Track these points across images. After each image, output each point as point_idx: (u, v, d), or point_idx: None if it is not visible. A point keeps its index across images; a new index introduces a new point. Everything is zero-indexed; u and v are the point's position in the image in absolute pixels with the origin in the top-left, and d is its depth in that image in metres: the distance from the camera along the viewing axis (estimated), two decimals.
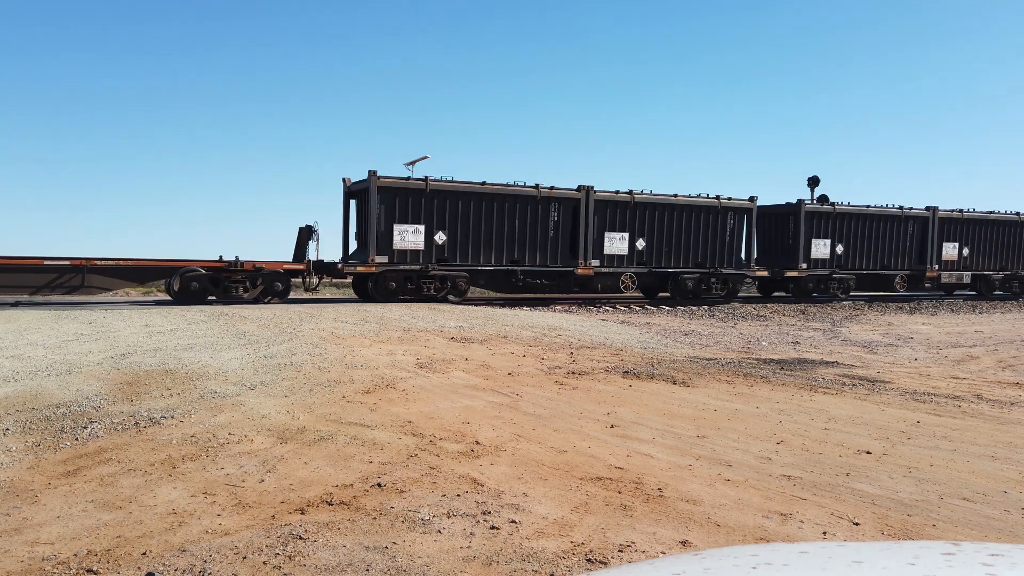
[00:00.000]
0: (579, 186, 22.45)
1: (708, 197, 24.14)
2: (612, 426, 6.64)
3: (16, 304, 17.16)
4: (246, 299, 18.92)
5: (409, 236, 20.34)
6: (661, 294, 24.49)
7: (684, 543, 3.94)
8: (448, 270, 20.75)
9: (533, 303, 21.82)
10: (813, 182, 28.93)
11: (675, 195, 23.65)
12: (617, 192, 22.97)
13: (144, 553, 3.69)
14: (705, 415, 7.24)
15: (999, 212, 29.92)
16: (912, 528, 4.26)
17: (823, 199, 26.95)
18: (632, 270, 23.10)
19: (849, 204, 26.47)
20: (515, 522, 4.18)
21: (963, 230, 28.81)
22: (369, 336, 12.09)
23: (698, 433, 6.46)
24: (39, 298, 18.14)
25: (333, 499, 4.50)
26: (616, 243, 22.98)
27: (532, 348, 11.77)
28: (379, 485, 4.77)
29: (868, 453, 5.88)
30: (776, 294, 27.73)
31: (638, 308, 21.56)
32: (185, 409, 6.77)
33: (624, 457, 5.60)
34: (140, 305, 17.90)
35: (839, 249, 26.21)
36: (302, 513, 4.28)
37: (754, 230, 25.59)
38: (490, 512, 4.31)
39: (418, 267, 20.36)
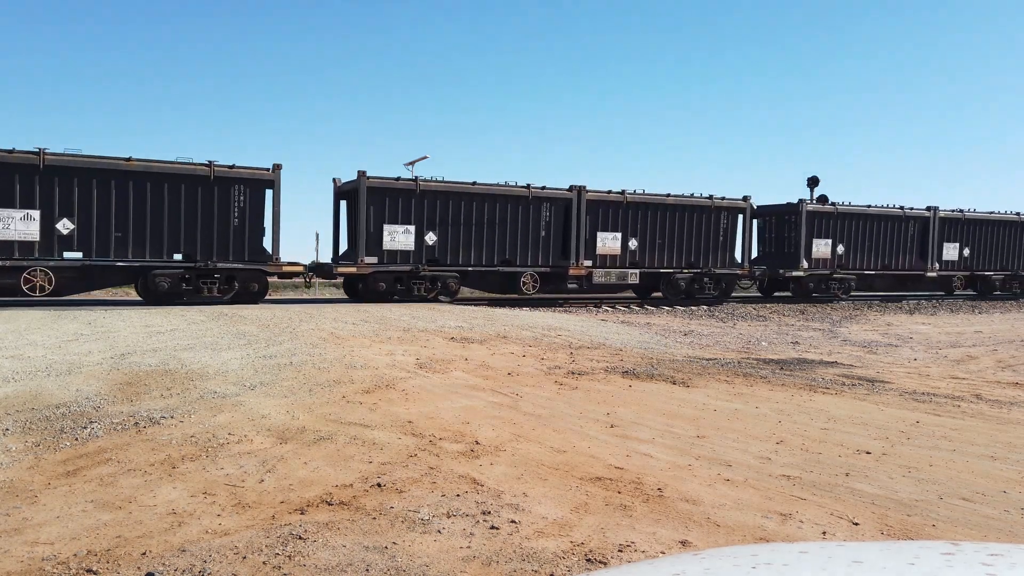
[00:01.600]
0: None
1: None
2: (612, 426, 6.64)
3: None
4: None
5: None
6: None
7: (684, 543, 3.94)
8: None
9: (527, 304, 21.74)
10: (813, 182, 28.93)
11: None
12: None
13: (144, 553, 3.69)
14: (705, 415, 7.24)
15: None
16: (912, 528, 4.26)
17: (823, 199, 26.91)
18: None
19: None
20: (515, 522, 4.18)
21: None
22: (369, 336, 12.09)
23: (698, 433, 6.46)
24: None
25: (333, 499, 4.50)
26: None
27: (532, 348, 11.77)
28: (379, 485, 4.77)
29: (868, 453, 5.88)
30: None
31: (637, 308, 21.53)
32: (185, 409, 6.77)
33: (624, 457, 5.60)
34: (140, 305, 17.88)
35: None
36: (302, 513, 4.28)
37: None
38: (490, 512, 4.31)
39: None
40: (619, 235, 23.08)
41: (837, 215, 26.22)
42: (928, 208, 28.24)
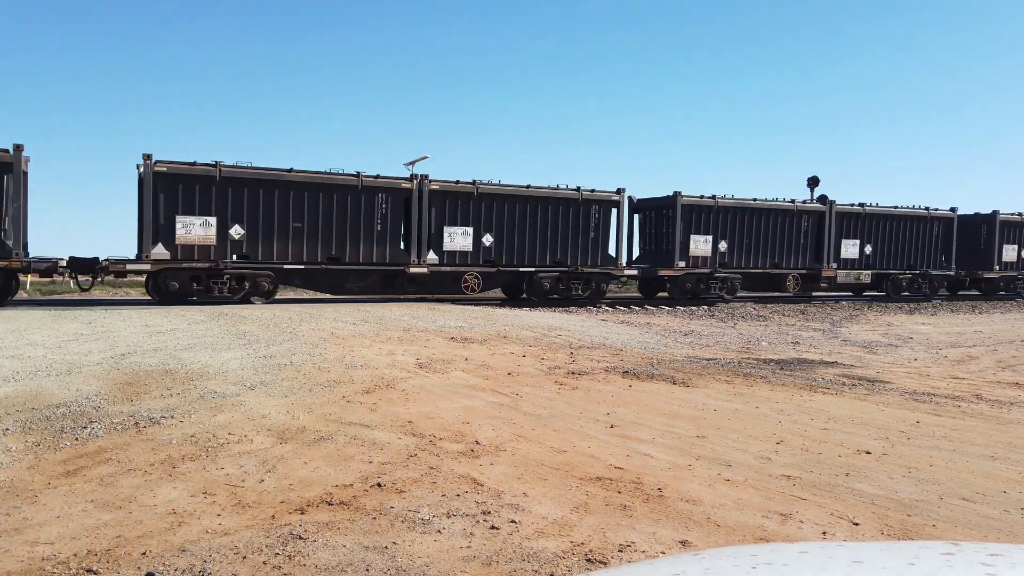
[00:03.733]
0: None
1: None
2: (612, 426, 6.64)
3: None
4: None
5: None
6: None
7: (684, 543, 3.94)
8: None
9: (527, 304, 21.16)
10: (813, 182, 28.91)
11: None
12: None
13: (144, 553, 3.69)
14: (705, 415, 7.24)
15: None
16: (912, 528, 4.26)
17: (823, 199, 26.60)
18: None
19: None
20: (515, 522, 4.18)
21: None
22: (369, 336, 12.09)
23: (698, 433, 6.46)
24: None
25: (333, 499, 4.50)
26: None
27: (532, 348, 11.77)
28: (379, 485, 4.77)
29: (868, 453, 5.88)
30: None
31: (638, 308, 21.47)
32: (185, 409, 6.77)
33: (624, 457, 5.60)
34: (140, 305, 17.88)
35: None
36: (302, 513, 4.28)
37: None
38: (490, 512, 4.31)
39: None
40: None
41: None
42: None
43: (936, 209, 28.26)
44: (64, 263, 17.90)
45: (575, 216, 22.27)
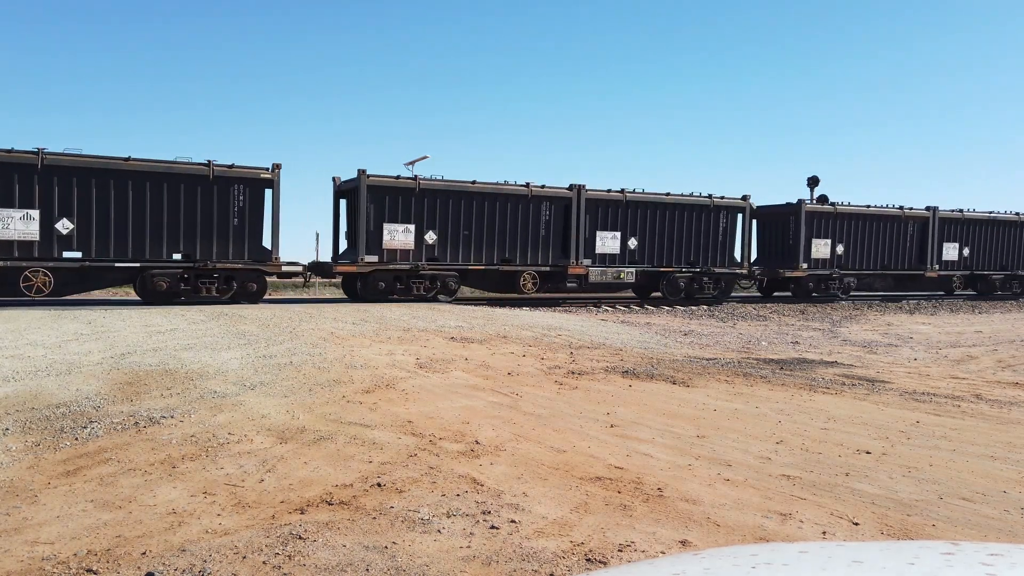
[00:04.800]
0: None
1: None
2: (612, 426, 6.64)
3: None
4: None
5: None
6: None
7: (684, 543, 3.94)
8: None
9: (528, 303, 21.70)
10: (813, 182, 28.92)
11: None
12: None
13: (144, 553, 3.69)
14: (705, 415, 7.25)
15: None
16: (911, 528, 4.26)
17: (823, 199, 26.86)
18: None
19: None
20: (515, 522, 4.18)
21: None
22: (369, 336, 12.09)
23: (698, 433, 6.46)
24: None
25: (333, 499, 4.50)
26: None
27: (532, 348, 11.77)
28: (379, 485, 4.77)
29: (867, 453, 5.88)
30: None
31: (637, 308, 21.50)
32: (185, 409, 6.77)
33: (624, 457, 5.60)
34: (140, 305, 17.88)
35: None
36: (302, 513, 4.28)
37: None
38: (490, 512, 4.31)
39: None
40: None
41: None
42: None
43: (720, 197, 24.86)
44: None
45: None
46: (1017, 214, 29.65)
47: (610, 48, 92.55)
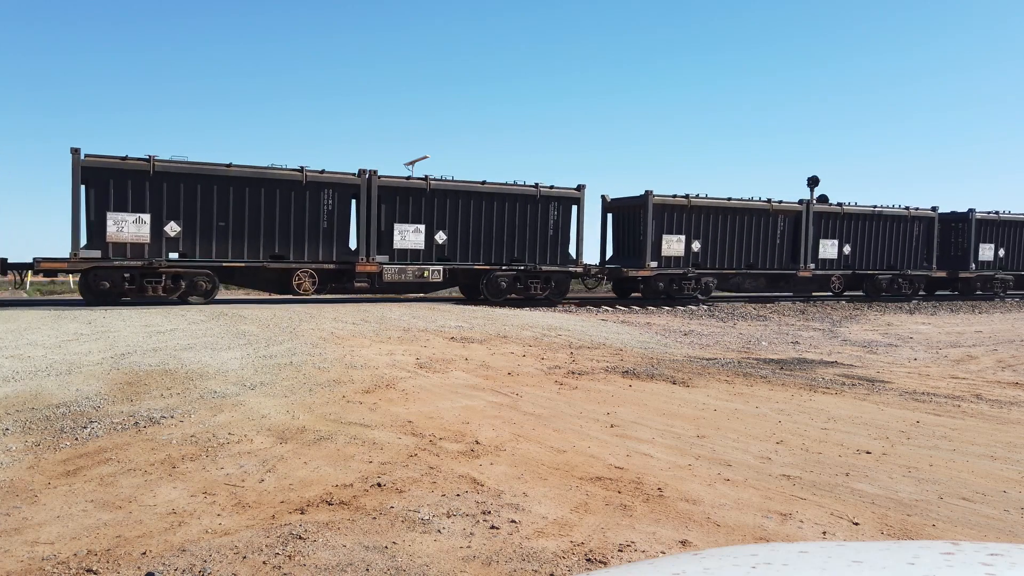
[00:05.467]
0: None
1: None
2: (612, 426, 6.64)
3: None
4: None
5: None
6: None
7: (684, 543, 3.94)
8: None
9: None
10: (813, 182, 28.93)
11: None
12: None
13: (144, 553, 3.70)
14: (705, 415, 7.25)
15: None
16: (912, 528, 4.26)
17: (823, 199, 26.70)
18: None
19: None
20: (515, 522, 4.18)
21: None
22: (369, 336, 12.09)
23: (698, 433, 6.46)
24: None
25: (333, 499, 4.50)
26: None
27: (532, 348, 11.77)
28: (379, 485, 4.77)
29: (868, 453, 5.88)
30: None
31: (638, 308, 21.46)
32: (185, 409, 6.77)
33: (624, 457, 5.60)
34: (139, 305, 17.88)
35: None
36: (302, 513, 4.28)
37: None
38: (490, 512, 4.31)
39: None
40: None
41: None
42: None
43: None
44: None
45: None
46: (906, 208, 27.08)
47: (609, 48, 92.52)
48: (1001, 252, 29.15)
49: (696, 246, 23.70)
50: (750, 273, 24.82)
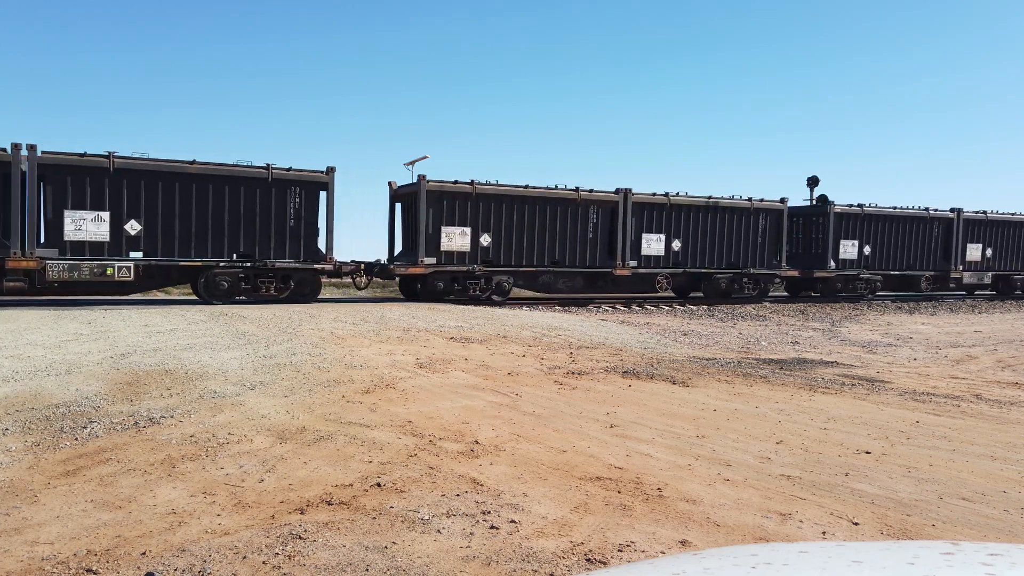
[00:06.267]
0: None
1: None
2: (612, 426, 6.64)
3: None
4: None
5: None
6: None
7: (683, 543, 3.94)
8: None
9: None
10: (813, 182, 28.93)
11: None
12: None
13: (144, 553, 3.69)
14: (704, 415, 7.25)
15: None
16: (911, 528, 4.26)
17: (823, 199, 26.79)
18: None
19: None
20: (515, 522, 4.18)
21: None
22: (369, 336, 12.09)
23: (697, 433, 6.46)
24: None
25: (333, 499, 4.50)
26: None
27: (532, 348, 11.77)
28: (379, 485, 4.77)
29: (867, 453, 5.88)
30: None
31: (637, 308, 21.46)
32: (185, 409, 6.77)
33: (623, 457, 5.60)
34: (139, 305, 17.87)
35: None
36: (302, 513, 4.28)
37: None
38: (489, 512, 4.31)
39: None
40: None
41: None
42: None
43: None
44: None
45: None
46: (748, 199, 24.57)
47: (608, 48, 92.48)
48: (867, 250, 26.52)
49: (485, 240, 20.93)
50: (560, 271, 22.20)
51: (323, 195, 19.26)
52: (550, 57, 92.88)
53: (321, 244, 19.36)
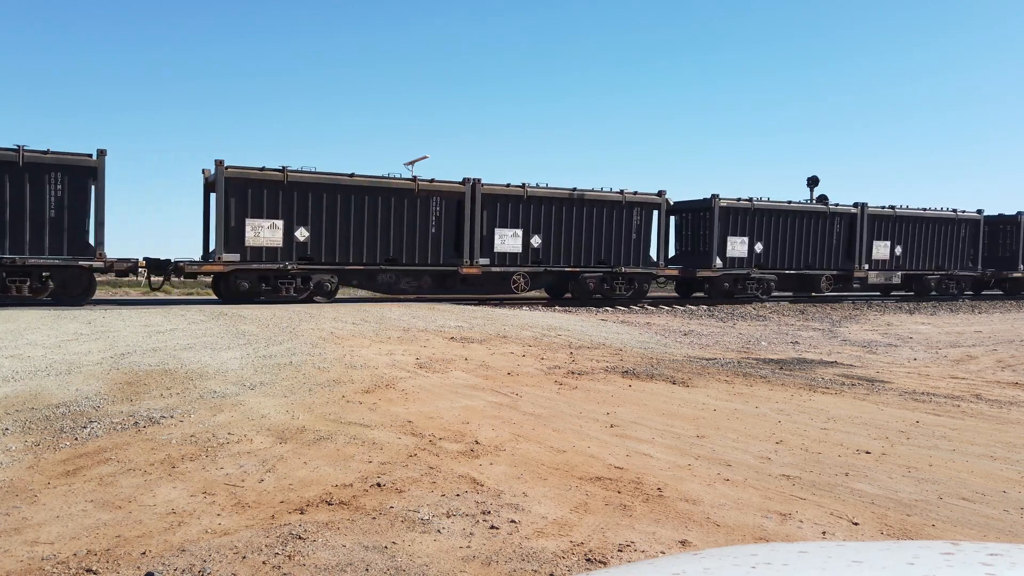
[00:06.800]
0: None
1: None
2: (612, 426, 6.64)
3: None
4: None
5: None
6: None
7: (683, 543, 3.94)
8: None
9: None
10: (813, 182, 28.94)
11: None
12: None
13: (144, 553, 3.69)
14: (704, 415, 7.25)
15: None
16: (911, 528, 4.27)
17: (822, 199, 26.70)
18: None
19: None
20: (515, 522, 4.18)
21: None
22: (368, 336, 12.09)
23: (697, 433, 6.46)
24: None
25: (332, 499, 4.50)
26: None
27: (532, 348, 11.77)
28: (379, 485, 4.77)
29: (867, 453, 5.88)
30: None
31: (637, 308, 21.43)
32: (185, 409, 6.77)
33: (623, 457, 5.60)
34: (139, 305, 17.87)
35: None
36: (302, 513, 4.28)
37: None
38: (489, 512, 4.31)
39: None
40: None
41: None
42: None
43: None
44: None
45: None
46: (621, 192, 22.53)
47: (607, 48, 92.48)
48: (758, 247, 24.46)
49: (302, 234, 18.78)
50: (403, 270, 20.07)
51: (92, 182, 17.13)
52: (550, 57, 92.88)
53: (91, 238, 17.14)
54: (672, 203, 24.07)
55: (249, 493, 4.61)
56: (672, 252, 25.11)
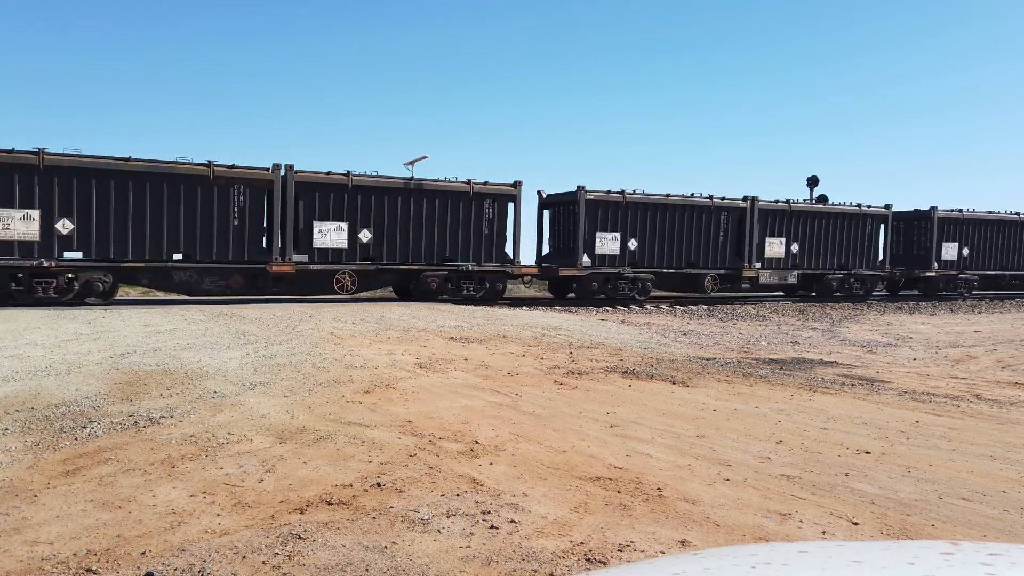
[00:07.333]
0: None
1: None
2: (611, 426, 6.64)
3: None
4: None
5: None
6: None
7: (683, 543, 3.94)
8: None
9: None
10: (813, 182, 28.97)
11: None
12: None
13: (143, 553, 3.69)
14: (704, 415, 7.25)
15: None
16: (911, 528, 4.27)
17: (823, 199, 26.79)
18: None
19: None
20: (514, 522, 4.18)
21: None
22: (368, 336, 12.09)
23: (697, 433, 6.46)
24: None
25: (332, 499, 4.50)
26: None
27: (531, 348, 11.77)
28: (378, 485, 4.77)
29: (867, 453, 5.88)
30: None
31: (637, 308, 21.43)
32: (184, 409, 6.77)
33: (623, 457, 5.60)
34: (139, 305, 17.87)
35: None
36: (301, 513, 4.28)
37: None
38: (489, 512, 4.31)
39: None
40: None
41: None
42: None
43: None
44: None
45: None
46: (468, 182, 20.51)
47: (607, 48, 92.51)
48: (632, 244, 22.63)
49: (64, 227, 16.26)
50: (204, 268, 17.81)
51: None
52: (550, 57, 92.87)
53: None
54: (545, 195, 22.84)
55: (249, 493, 4.61)
56: (547, 249, 23.49)
